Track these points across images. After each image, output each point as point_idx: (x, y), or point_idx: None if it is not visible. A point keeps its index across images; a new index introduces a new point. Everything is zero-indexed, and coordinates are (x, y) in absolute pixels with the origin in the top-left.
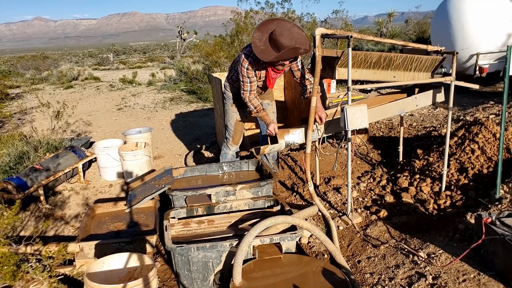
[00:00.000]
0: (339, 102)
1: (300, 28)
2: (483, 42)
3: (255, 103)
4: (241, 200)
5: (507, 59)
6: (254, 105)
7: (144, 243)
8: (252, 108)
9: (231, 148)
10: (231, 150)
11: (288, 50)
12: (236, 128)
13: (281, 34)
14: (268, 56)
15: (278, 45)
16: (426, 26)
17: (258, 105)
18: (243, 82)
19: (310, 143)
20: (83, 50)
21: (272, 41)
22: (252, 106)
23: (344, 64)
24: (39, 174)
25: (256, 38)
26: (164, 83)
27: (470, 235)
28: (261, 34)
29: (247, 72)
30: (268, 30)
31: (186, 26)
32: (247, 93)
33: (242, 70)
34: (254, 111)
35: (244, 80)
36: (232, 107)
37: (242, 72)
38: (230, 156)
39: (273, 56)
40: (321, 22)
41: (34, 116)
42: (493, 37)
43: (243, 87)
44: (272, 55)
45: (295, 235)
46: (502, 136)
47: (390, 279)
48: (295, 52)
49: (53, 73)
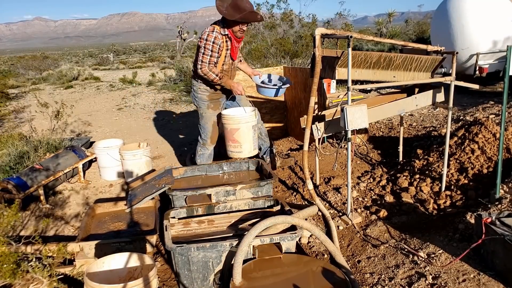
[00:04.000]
0: (339, 102)
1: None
2: (483, 42)
3: (215, 71)
4: (241, 200)
5: (507, 59)
6: (215, 73)
7: (144, 243)
8: (214, 76)
9: (209, 148)
10: (209, 149)
11: (250, 13)
12: (213, 130)
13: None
14: (232, 16)
15: (240, 8)
16: (426, 26)
17: (218, 72)
18: (203, 54)
19: (307, 141)
20: (83, 50)
21: (234, 6)
22: (213, 75)
23: (344, 64)
24: (39, 174)
25: (219, 5)
26: (164, 83)
27: (470, 235)
28: (221, 2)
29: (212, 45)
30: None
31: (186, 26)
32: (206, 64)
33: (207, 43)
34: (216, 78)
35: (206, 53)
36: (208, 109)
37: (206, 45)
38: (208, 155)
39: (237, 16)
40: (324, 23)
41: (33, 116)
42: (493, 37)
43: (202, 58)
44: (236, 15)
45: (295, 235)
46: (502, 136)
47: (390, 279)
48: (255, 16)
49: (53, 73)
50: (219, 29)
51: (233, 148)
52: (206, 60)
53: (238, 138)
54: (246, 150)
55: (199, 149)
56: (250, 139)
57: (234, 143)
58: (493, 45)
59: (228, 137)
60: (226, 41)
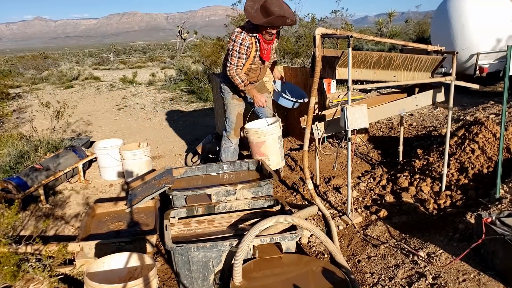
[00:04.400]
0: (339, 102)
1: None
2: (483, 42)
3: (242, 76)
4: (241, 199)
5: (507, 59)
6: (241, 78)
7: (144, 243)
8: (239, 81)
9: (233, 141)
10: (233, 143)
11: (277, 17)
12: (238, 121)
13: (272, 3)
14: (259, 20)
15: (269, 12)
16: (426, 26)
17: (244, 79)
18: (231, 57)
19: (307, 141)
20: (83, 50)
21: (263, 9)
22: (239, 79)
23: (344, 64)
24: (39, 174)
25: (249, 6)
26: (164, 83)
27: (470, 235)
28: (253, 3)
29: (239, 47)
30: (260, 1)
31: (186, 26)
32: (234, 67)
33: (235, 45)
34: (241, 84)
35: (234, 55)
36: (233, 100)
37: (233, 47)
38: (233, 149)
39: (263, 20)
40: (319, 21)
41: (34, 116)
42: (493, 37)
43: (230, 60)
44: (262, 19)
45: (295, 235)
46: (502, 136)
47: (390, 279)
48: (283, 20)
49: (53, 73)
50: (248, 30)
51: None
52: (234, 62)
53: (265, 151)
54: (275, 162)
55: (224, 142)
56: (277, 151)
57: (261, 157)
58: (493, 45)
59: (255, 151)
60: (256, 42)
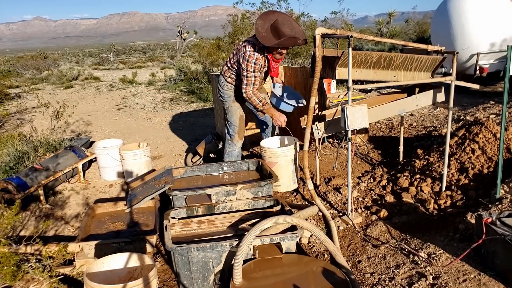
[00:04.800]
0: (339, 102)
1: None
2: (483, 42)
3: (259, 96)
4: (241, 200)
5: (507, 59)
6: (259, 98)
7: (144, 243)
8: (257, 101)
9: (237, 144)
10: (237, 146)
11: (289, 39)
12: (241, 124)
13: (283, 23)
14: (269, 41)
15: (280, 33)
16: (426, 26)
17: (263, 98)
18: (247, 77)
19: (307, 141)
20: (83, 50)
21: (273, 29)
22: (257, 100)
23: (344, 64)
24: (39, 174)
25: (259, 25)
26: (164, 83)
27: (471, 235)
28: (263, 22)
29: (254, 67)
30: (270, 20)
31: (186, 26)
32: (251, 87)
33: (249, 65)
34: (259, 104)
35: (249, 75)
36: (234, 103)
37: (247, 67)
38: (237, 153)
39: (274, 42)
40: (321, 22)
41: (34, 116)
42: (493, 37)
43: (246, 81)
44: (273, 41)
45: (295, 235)
46: (502, 136)
47: (391, 279)
48: (294, 41)
49: (53, 73)
50: (259, 50)
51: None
52: (251, 83)
53: (276, 171)
54: (284, 185)
55: (227, 146)
56: (288, 174)
57: None
58: (493, 45)
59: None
60: (265, 61)
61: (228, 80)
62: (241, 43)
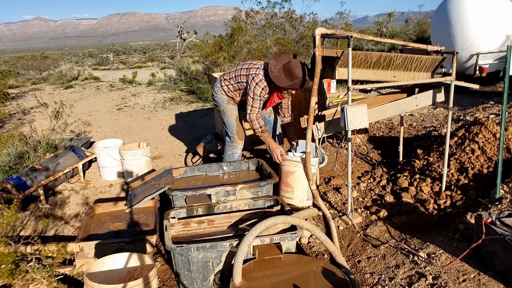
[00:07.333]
0: (339, 102)
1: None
2: (483, 42)
3: (260, 122)
4: (241, 200)
5: (507, 59)
6: (259, 124)
7: (144, 243)
8: (257, 126)
9: (238, 146)
10: (238, 148)
11: (301, 81)
12: (238, 124)
13: (296, 66)
14: (283, 82)
15: (292, 75)
16: (426, 26)
17: (262, 125)
18: (253, 99)
19: (309, 143)
20: (83, 50)
21: (286, 70)
22: (258, 125)
23: (344, 64)
24: (39, 174)
25: (272, 65)
26: (164, 83)
27: (470, 235)
28: (276, 62)
29: (261, 91)
30: (282, 61)
31: (186, 26)
32: (255, 110)
33: (256, 88)
34: (259, 130)
35: (255, 98)
36: (229, 105)
37: (255, 91)
38: (238, 156)
39: (287, 84)
40: (322, 22)
41: (34, 116)
42: (493, 37)
43: (252, 103)
44: (287, 82)
45: (295, 235)
46: (502, 136)
47: (390, 279)
48: (305, 84)
49: (53, 73)
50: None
51: (284, 193)
52: (256, 105)
53: (291, 182)
54: (298, 198)
55: (228, 148)
56: (305, 187)
57: (286, 187)
58: (493, 45)
59: (281, 179)
60: (268, 92)
61: (224, 88)
62: (254, 64)
